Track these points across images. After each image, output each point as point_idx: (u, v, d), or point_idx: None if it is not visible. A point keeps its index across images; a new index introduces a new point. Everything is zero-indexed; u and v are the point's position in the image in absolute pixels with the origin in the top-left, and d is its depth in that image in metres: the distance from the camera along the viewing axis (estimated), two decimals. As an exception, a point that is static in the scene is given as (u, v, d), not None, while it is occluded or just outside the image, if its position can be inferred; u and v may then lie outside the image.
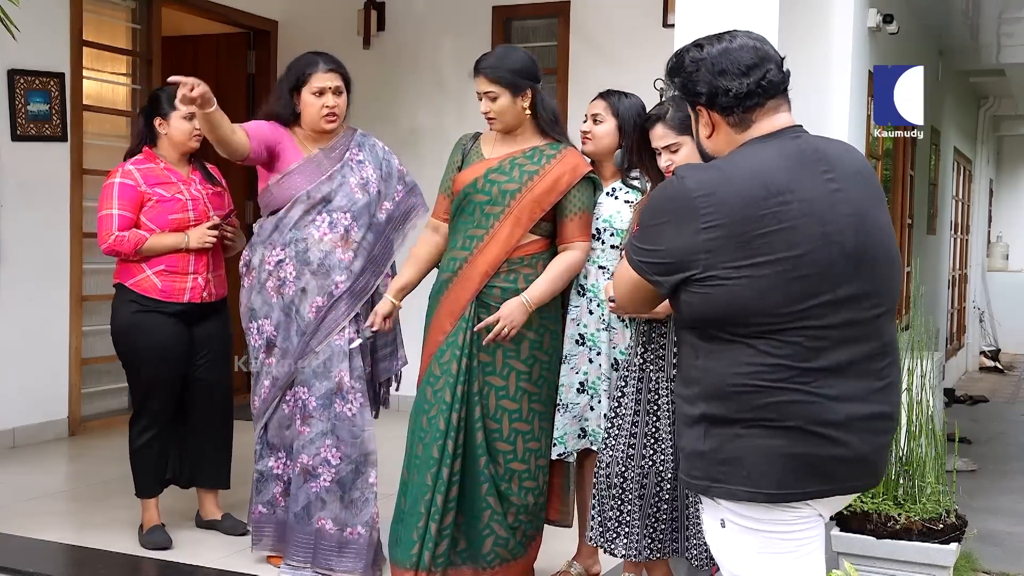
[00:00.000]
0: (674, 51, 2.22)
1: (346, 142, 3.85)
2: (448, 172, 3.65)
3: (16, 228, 5.77)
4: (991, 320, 13.59)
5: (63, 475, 5.55)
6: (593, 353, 3.59)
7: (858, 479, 2.14)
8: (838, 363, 2.04)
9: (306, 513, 3.74)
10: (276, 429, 3.85)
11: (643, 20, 6.35)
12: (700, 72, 2.13)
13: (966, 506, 3.82)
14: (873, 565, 3.54)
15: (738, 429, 2.05)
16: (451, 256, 3.55)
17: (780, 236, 1.99)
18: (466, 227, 3.52)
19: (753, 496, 2.05)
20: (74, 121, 6.04)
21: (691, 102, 2.20)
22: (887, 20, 5.31)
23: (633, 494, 3.28)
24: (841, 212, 2.05)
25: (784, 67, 2.16)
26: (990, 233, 14.53)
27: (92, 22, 6.26)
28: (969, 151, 12.04)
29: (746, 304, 2.00)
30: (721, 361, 2.06)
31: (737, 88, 2.10)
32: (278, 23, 7.51)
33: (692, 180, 2.06)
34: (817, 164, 2.08)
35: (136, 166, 4.13)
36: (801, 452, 2.03)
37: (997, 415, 9.00)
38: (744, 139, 2.14)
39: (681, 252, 2.05)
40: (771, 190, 2.01)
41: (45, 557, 4.11)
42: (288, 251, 3.74)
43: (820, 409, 2.02)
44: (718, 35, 2.17)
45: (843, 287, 2.03)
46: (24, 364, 5.80)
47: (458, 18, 6.96)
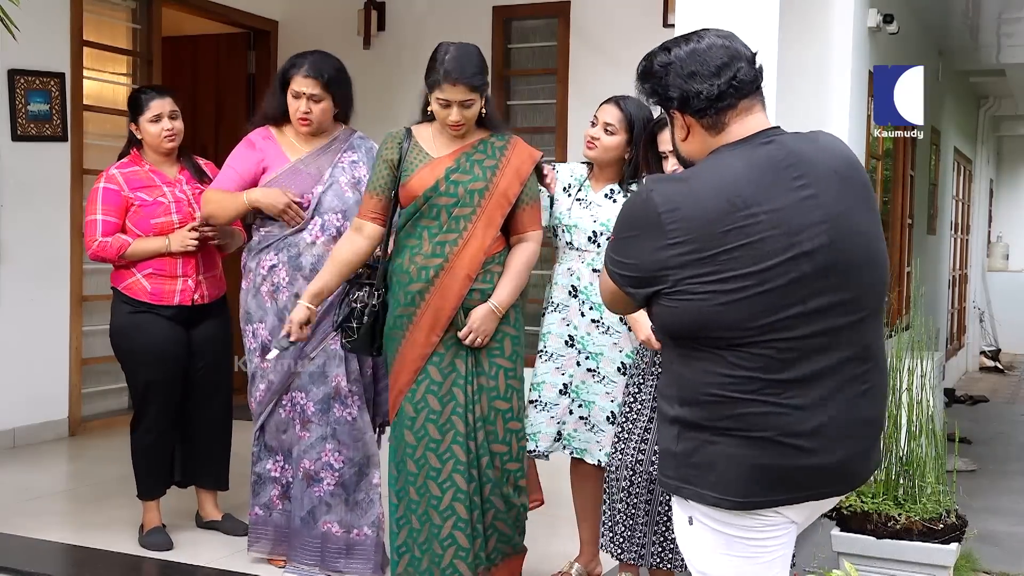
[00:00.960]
0: (644, 55, 2.18)
1: (340, 144, 3.82)
2: (381, 170, 3.40)
3: (16, 228, 5.77)
4: (991, 320, 13.60)
5: (63, 475, 5.55)
6: (582, 357, 3.58)
7: (830, 486, 2.13)
8: (812, 372, 2.02)
9: (311, 517, 3.73)
10: (273, 432, 3.83)
11: (643, 20, 6.34)
12: (670, 76, 2.10)
13: (966, 506, 3.82)
14: (873, 565, 3.53)
15: (709, 436, 2.05)
16: (420, 266, 3.32)
17: (746, 251, 1.97)
18: (432, 232, 3.32)
19: (720, 502, 2.06)
20: (74, 121, 6.04)
21: (664, 106, 2.17)
22: (887, 20, 5.32)
23: (640, 498, 3.27)
24: (813, 220, 2.01)
25: (756, 63, 2.12)
26: (990, 233, 14.53)
27: (92, 22, 6.26)
28: (969, 151, 12.05)
29: (714, 318, 2.00)
30: (694, 370, 2.06)
31: (708, 90, 2.07)
32: (278, 23, 7.51)
33: (658, 195, 2.04)
34: (788, 171, 2.04)
35: (120, 170, 4.12)
36: (769, 463, 2.03)
37: (997, 415, 9.00)
38: (718, 143, 2.11)
39: (650, 267, 2.04)
40: (737, 204, 1.98)
41: (45, 557, 4.11)
42: (280, 256, 3.73)
43: (789, 420, 2.02)
44: (685, 36, 2.14)
45: (814, 299, 2.00)
46: (24, 364, 5.80)
47: (458, 18, 6.96)
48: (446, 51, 3.28)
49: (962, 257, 12.03)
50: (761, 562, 2.12)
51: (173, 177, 4.18)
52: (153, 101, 4.13)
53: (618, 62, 6.30)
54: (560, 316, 3.63)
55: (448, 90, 3.26)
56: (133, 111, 4.16)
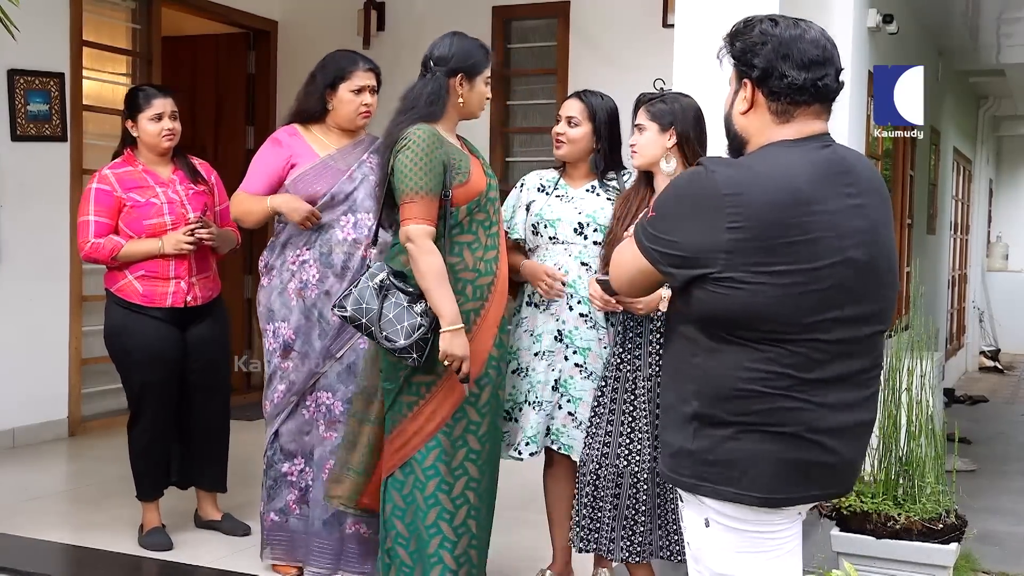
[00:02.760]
0: (744, 17, 2.14)
1: (367, 145, 3.81)
2: (437, 169, 3.18)
3: (16, 228, 5.77)
4: (991, 320, 13.60)
5: (63, 475, 5.55)
6: (569, 351, 3.56)
7: (840, 485, 2.17)
8: (835, 375, 2.04)
9: (336, 520, 3.66)
10: (293, 435, 3.75)
11: (643, 20, 6.35)
12: (765, 47, 2.06)
13: (966, 506, 3.82)
14: (873, 565, 3.53)
15: (732, 431, 2.04)
16: (485, 259, 3.29)
17: (803, 248, 1.97)
18: (485, 227, 3.32)
19: (742, 498, 2.05)
20: (74, 121, 6.04)
21: (741, 72, 2.12)
22: (887, 20, 5.32)
23: (607, 492, 3.26)
24: (859, 228, 2.03)
25: (841, 79, 2.12)
26: (990, 233, 14.53)
27: (92, 22, 6.26)
28: (969, 151, 12.05)
29: (760, 310, 1.98)
30: (722, 362, 2.03)
31: (793, 78, 2.05)
32: (278, 23, 7.51)
33: (722, 175, 2.01)
34: (841, 177, 2.05)
35: (114, 170, 4.09)
36: (795, 458, 2.03)
37: (997, 415, 9.00)
38: (775, 133, 2.09)
39: (700, 248, 2.00)
40: (799, 199, 1.98)
41: (45, 557, 4.11)
42: (312, 252, 3.68)
43: (816, 416, 2.03)
44: (795, 20, 2.11)
45: (850, 306, 2.02)
46: (24, 364, 5.80)
47: (458, 18, 6.93)
48: (463, 35, 3.45)
49: (962, 257, 12.03)
50: (779, 556, 2.12)
51: (167, 178, 4.14)
52: (156, 99, 4.11)
53: (618, 62, 6.32)
54: (548, 311, 3.56)
55: (488, 77, 3.38)
56: (132, 108, 4.13)
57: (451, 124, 3.35)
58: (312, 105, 3.78)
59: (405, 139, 3.20)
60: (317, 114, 3.78)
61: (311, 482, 3.75)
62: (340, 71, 3.74)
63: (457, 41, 3.38)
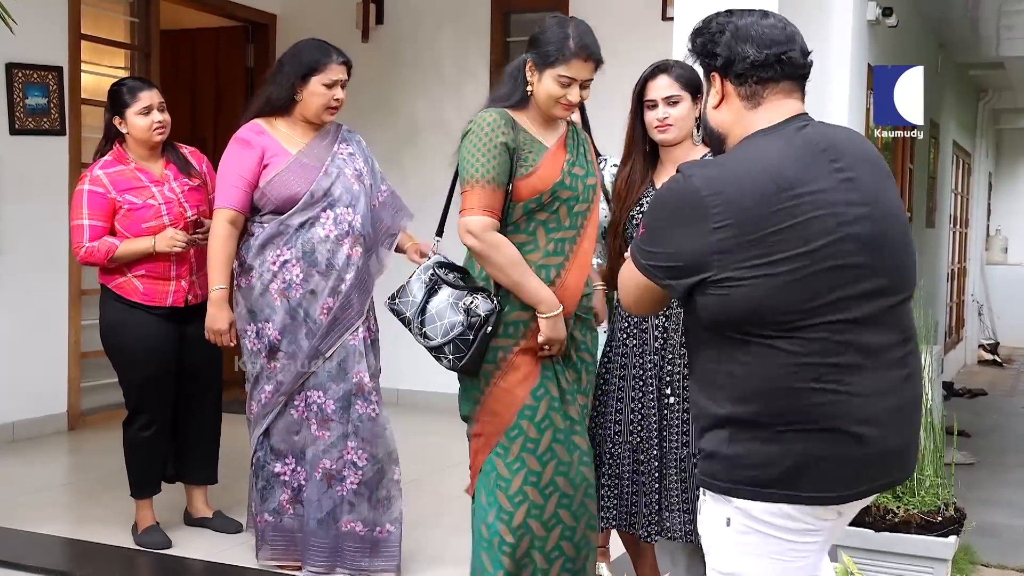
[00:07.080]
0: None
1: (334, 136, 3.76)
2: (501, 156, 2.93)
3: (15, 221, 5.77)
4: (990, 313, 13.60)
5: (62, 469, 5.55)
6: None
7: (890, 475, 2.10)
8: (864, 356, 1.99)
9: (331, 518, 3.66)
10: (283, 435, 3.73)
11: (642, 13, 6.34)
12: (724, 35, 2.07)
13: (965, 499, 3.82)
14: (872, 558, 3.54)
15: (768, 433, 1.98)
16: (539, 264, 3.00)
17: (793, 232, 1.94)
18: (550, 228, 3.01)
19: (781, 498, 1.99)
20: (72, 115, 6.03)
21: (707, 66, 2.13)
22: (886, 13, 5.30)
23: (624, 469, 3.21)
24: (853, 200, 1.99)
25: (809, 58, 2.10)
26: (989, 226, 14.53)
27: (90, 15, 6.25)
28: (968, 144, 12.05)
29: (765, 303, 1.95)
30: (746, 365, 2.00)
31: (755, 56, 2.04)
32: (277, 16, 7.49)
33: (699, 178, 1.99)
34: (825, 154, 2.02)
35: (105, 170, 3.99)
36: (834, 454, 1.98)
37: (996, 408, 9.02)
38: (751, 121, 2.08)
39: (693, 254, 1.98)
40: (781, 185, 1.95)
41: (44, 551, 4.11)
42: (294, 251, 3.61)
43: (850, 408, 1.97)
44: (751, 10, 2.11)
45: (863, 282, 1.98)
46: (23, 358, 5.80)
47: (457, 11, 6.95)
48: (575, 25, 3.01)
49: (961, 250, 12.03)
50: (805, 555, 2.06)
51: (160, 174, 4.06)
52: (142, 92, 4.01)
53: (617, 55, 6.24)
54: None
55: (577, 67, 2.97)
56: (117, 104, 4.01)
57: (535, 112, 3.06)
58: (280, 95, 3.68)
59: (470, 123, 3.01)
60: (284, 106, 3.69)
61: (303, 482, 3.73)
62: (314, 63, 3.65)
63: (550, 23, 3.03)
